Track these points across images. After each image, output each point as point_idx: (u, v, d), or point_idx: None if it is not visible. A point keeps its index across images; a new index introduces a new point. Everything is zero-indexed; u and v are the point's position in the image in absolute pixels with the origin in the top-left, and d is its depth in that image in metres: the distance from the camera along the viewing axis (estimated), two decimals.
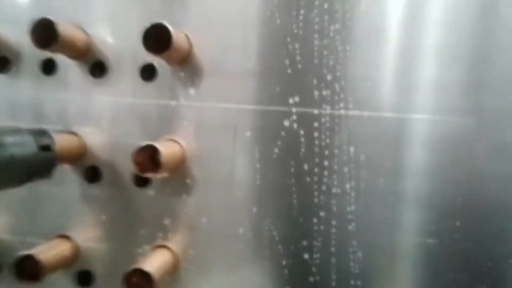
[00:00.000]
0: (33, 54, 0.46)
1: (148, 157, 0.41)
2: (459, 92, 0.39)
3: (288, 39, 0.42)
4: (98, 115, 0.45)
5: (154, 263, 0.40)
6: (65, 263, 0.44)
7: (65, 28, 0.41)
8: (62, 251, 0.44)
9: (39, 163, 0.39)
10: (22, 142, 0.37)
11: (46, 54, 0.45)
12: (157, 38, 0.39)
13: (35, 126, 0.43)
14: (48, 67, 0.46)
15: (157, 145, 0.38)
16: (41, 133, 0.40)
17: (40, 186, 0.45)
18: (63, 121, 0.45)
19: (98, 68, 0.45)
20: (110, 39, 0.44)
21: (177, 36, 0.39)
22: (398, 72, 0.40)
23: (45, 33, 0.40)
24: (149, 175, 0.39)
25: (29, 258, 0.41)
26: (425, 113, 0.39)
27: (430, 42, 0.39)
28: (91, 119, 0.45)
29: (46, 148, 0.39)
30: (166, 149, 0.39)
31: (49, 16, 0.39)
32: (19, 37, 0.45)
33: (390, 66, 0.40)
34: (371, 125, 0.41)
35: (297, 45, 0.42)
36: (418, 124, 0.40)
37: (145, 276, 0.39)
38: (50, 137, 0.40)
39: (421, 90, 0.39)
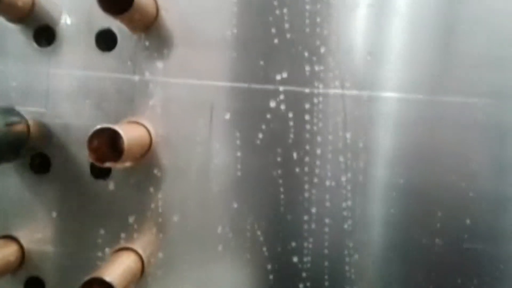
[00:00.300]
0: None
1: (107, 143, 0.34)
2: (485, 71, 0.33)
3: (275, 3, 0.35)
4: (45, 92, 0.37)
5: (116, 269, 0.34)
6: (10, 269, 0.37)
7: None
8: (6, 255, 0.37)
9: (7, 143, 0.35)
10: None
11: None
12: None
13: None
14: None
15: (117, 128, 0.31)
16: (9, 110, 0.36)
17: None
18: (2, 98, 0.37)
19: (44, 34, 0.37)
20: None
21: None
22: (407, 45, 0.34)
23: None
24: (108, 165, 0.32)
25: None
26: (434, 94, 0.34)
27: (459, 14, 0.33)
28: (36, 96, 0.37)
29: (14, 126, 0.34)
30: (129, 133, 0.32)
31: None
32: None
33: (398, 38, 0.34)
34: (371, 107, 0.35)
35: (285, 10, 0.35)
36: (425, 107, 0.34)
37: (105, 285, 0.33)
38: (19, 115, 0.36)
39: (433, 67, 0.34)
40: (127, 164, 0.35)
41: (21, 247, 0.38)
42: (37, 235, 0.38)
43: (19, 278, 0.38)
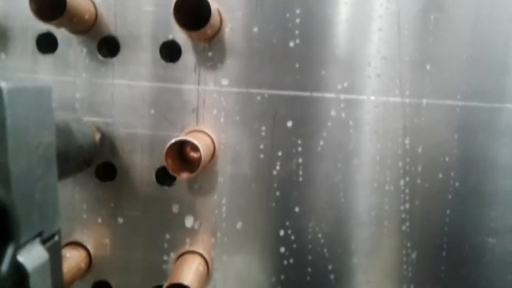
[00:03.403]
0: None
1: (175, 152, 0.34)
2: None
3: (337, 16, 0.35)
4: (110, 102, 0.36)
5: (189, 273, 0.34)
6: (81, 275, 0.37)
7: None
8: (78, 262, 0.36)
9: (93, 153, 0.36)
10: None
11: None
12: (190, 12, 0.31)
13: None
14: None
15: (195, 141, 0.31)
16: (80, 123, 0.35)
17: None
18: (67, 109, 0.37)
19: (108, 45, 0.37)
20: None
21: (213, 8, 0.32)
22: (467, 54, 0.34)
23: None
24: (184, 175, 0.32)
25: None
26: (493, 102, 0.34)
27: None
28: (101, 107, 0.37)
29: (87, 141, 0.35)
30: (203, 144, 0.32)
31: None
32: None
33: (457, 48, 0.34)
34: (430, 114, 0.35)
35: (346, 23, 0.35)
36: (483, 114, 0.35)
37: None
38: (89, 127, 0.36)
39: (494, 75, 0.34)
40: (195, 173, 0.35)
41: (88, 252, 0.38)
42: (104, 240, 0.38)
43: (87, 282, 0.38)
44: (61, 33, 0.36)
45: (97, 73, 0.36)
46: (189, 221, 0.37)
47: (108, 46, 0.37)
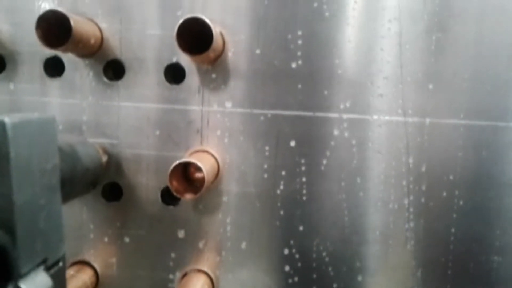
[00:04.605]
0: None
1: (180, 173, 0.34)
2: None
3: (339, 35, 0.35)
4: (116, 124, 0.37)
5: None
6: None
7: None
8: (85, 282, 0.36)
9: (99, 174, 0.36)
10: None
11: None
12: (194, 35, 0.31)
13: None
14: None
15: (198, 163, 0.31)
16: (86, 145, 0.36)
17: None
18: (74, 131, 0.37)
19: (113, 68, 0.37)
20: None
21: (216, 32, 0.32)
22: (470, 73, 0.34)
23: None
24: (188, 196, 0.32)
25: None
26: (497, 120, 0.34)
27: None
28: (107, 128, 0.37)
29: (92, 163, 0.35)
30: (206, 165, 0.32)
31: None
32: None
33: (459, 67, 0.34)
34: (432, 133, 0.35)
35: (348, 43, 0.35)
36: (487, 132, 0.34)
37: None
38: (95, 148, 0.36)
39: (497, 94, 0.34)
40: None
41: (95, 271, 0.37)
42: (111, 259, 0.38)
43: None
44: (67, 57, 0.37)
45: (103, 96, 0.36)
46: None
47: (114, 69, 0.37)
